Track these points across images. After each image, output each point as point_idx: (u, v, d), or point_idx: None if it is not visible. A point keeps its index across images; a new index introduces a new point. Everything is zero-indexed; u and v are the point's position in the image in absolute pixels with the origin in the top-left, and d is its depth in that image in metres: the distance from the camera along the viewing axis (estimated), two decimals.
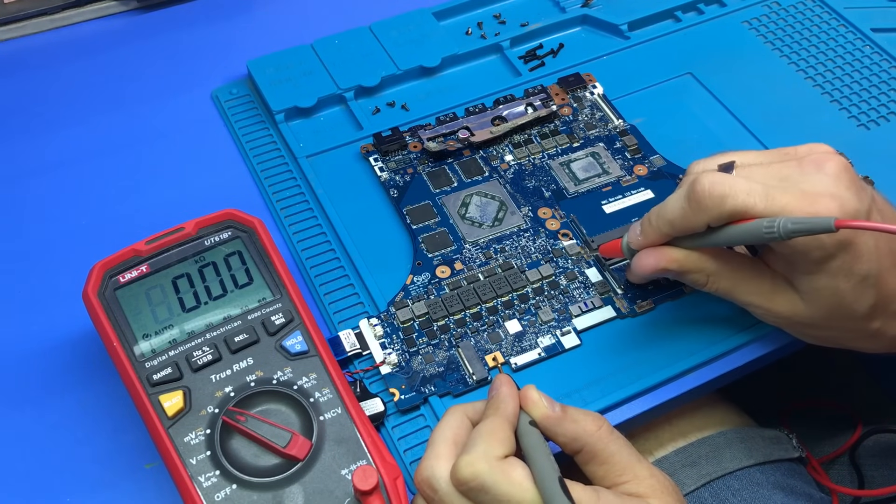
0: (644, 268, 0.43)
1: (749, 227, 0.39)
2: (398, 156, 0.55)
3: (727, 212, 0.38)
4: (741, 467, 0.50)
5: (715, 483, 0.49)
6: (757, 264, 0.43)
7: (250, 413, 0.39)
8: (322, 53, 0.60)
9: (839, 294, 0.40)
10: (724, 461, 0.49)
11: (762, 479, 0.50)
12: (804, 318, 0.42)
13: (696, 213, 0.39)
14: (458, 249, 0.50)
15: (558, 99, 0.58)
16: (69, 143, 0.58)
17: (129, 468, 0.43)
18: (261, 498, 0.38)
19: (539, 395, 0.38)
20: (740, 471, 0.49)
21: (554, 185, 0.54)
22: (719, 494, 0.48)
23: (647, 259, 0.43)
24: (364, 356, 0.46)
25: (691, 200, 0.39)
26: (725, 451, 0.50)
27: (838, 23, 0.64)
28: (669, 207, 0.41)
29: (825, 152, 0.40)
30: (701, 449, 0.50)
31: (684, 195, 0.40)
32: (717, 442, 0.50)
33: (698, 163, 0.43)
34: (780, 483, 0.50)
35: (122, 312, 0.42)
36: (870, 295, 0.40)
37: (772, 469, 0.51)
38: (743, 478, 0.49)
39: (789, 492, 0.50)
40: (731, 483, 0.49)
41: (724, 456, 0.50)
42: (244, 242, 0.44)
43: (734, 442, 0.51)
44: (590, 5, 0.65)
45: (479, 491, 0.35)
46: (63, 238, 0.52)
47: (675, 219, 0.41)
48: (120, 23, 0.66)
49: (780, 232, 0.37)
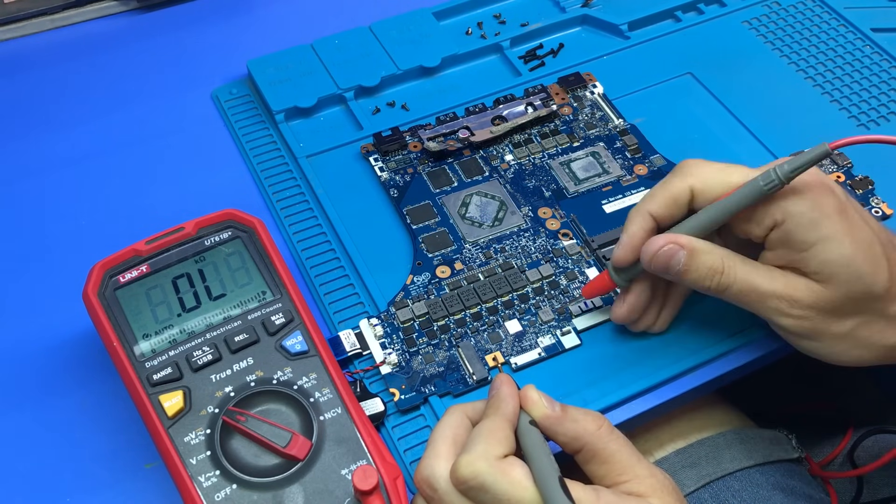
0: (654, 246, 0.41)
1: (746, 188, 0.39)
2: (398, 156, 0.55)
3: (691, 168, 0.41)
4: (741, 468, 0.49)
5: (715, 484, 0.49)
6: (764, 262, 0.42)
7: (250, 413, 0.39)
8: (322, 53, 0.60)
9: (848, 263, 0.39)
10: (723, 462, 0.49)
11: (762, 479, 0.50)
12: (827, 301, 0.40)
13: (672, 176, 0.42)
14: (458, 249, 0.50)
15: (558, 98, 0.58)
16: (69, 143, 0.58)
17: (129, 468, 0.43)
18: (261, 498, 0.38)
19: (539, 394, 0.38)
20: (740, 471, 0.49)
21: (554, 185, 0.54)
22: (719, 495, 0.48)
23: (656, 241, 0.41)
24: (364, 356, 0.46)
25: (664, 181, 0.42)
26: (725, 452, 0.50)
27: (838, 23, 0.64)
28: (647, 194, 0.43)
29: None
30: (700, 450, 0.50)
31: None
32: (716, 443, 0.50)
33: (690, 161, 0.43)
34: (779, 484, 0.50)
35: (122, 312, 0.42)
36: (882, 265, 0.39)
37: (772, 470, 0.51)
38: (743, 478, 0.49)
39: (789, 492, 0.50)
40: (731, 484, 0.49)
41: (724, 457, 0.50)
42: (244, 242, 0.44)
43: (734, 443, 0.51)
44: (590, 5, 0.65)
45: (478, 490, 0.35)
46: (63, 238, 0.52)
47: (655, 190, 0.42)
48: (120, 23, 0.66)
49: (781, 177, 0.38)
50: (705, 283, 0.41)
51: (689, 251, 0.40)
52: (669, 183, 0.42)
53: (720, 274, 0.41)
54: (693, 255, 0.40)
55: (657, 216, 0.42)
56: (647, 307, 0.45)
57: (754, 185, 0.39)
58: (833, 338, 0.41)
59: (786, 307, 0.40)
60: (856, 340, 0.41)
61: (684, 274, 0.41)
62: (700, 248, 0.41)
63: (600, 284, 0.45)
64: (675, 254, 0.41)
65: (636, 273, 0.43)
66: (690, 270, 0.41)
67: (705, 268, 0.41)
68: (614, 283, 0.44)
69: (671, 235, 0.41)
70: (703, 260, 0.41)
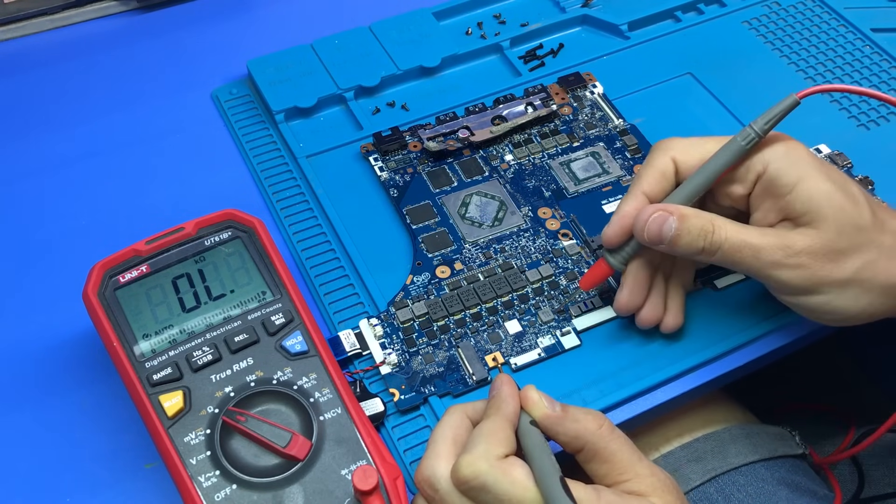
0: (644, 215, 0.42)
1: (726, 148, 0.42)
2: (398, 155, 0.55)
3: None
4: (746, 462, 0.50)
5: (720, 478, 0.49)
6: (753, 224, 0.43)
7: (250, 413, 0.39)
8: (322, 53, 0.60)
9: (830, 195, 0.40)
10: (729, 456, 0.50)
11: (767, 475, 0.50)
12: (823, 243, 0.40)
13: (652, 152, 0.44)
14: (458, 249, 0.50)
15: (558, 98, 0.58)
16: (69, 143, 0.58)
17: (129, 468, 0.43)
18: (261, 498, 0.38)
19: (539, 395, 0.38)
20: (745, 466, 0.50)
21: (554, 185, 0.54)
22: (725, 490, 0.48)
23: (647, 210, 0.42)
24: (364, 356, 0.46)
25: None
26: (730, 447, 0.50)
27: (838, 23, 0.64)
28: (634, 178, 0.44)
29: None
30: (706, 444, 0.50)
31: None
32: (721, 437, 0.50)
33: (665, 139, 0.45)
34: (784, 479, 0.50)
35: (122, 312, 0.42)
36: (861, 200, 0.41)
37: (776, 465, 0.51)
38: (748, 473, 0.49)
39: (794, 488, 0.50)
40: (736, 479, 0.49)
41: (730, 451, 0.50)
42: (244, 242, 0.44)
43: (739, 438, 0.51)
44: (590, 5, 0.65)
45: (479, 490, 0.35)
46: (63, 238, 0.52)
47: (640, 171, 0.44)
48: (120, 23, 0.66)
49: (758, 131, 0.41)
50: (698, 243, 0.41)
51: (678, 216, 0.41)
52: (652, 160, 0.44)
53: (711, 233, 0.41)
54: (683, 220, 0.41)
55: (649, 193, 0.43)
56: (649, 294, 0.45)
57: (733, 143, 0.42)
58: (837, 286, 0.41)
59: (781, 256, 0.40)
60: (861, 285, 0.41)
61: (676, 239, 0.41)
62: (689, 212, 0.42)
63: (597, 272, 0.46)
64: (665, 220, 0.41)
65: (631, 253, 0.44)
66: (682, 234, 0.41)
67: (696, 229, 0.41)
68: (611, 268, 0.45)
69: (660, 205, 0.42)
70: (693, 222, 0.41)
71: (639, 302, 0.45)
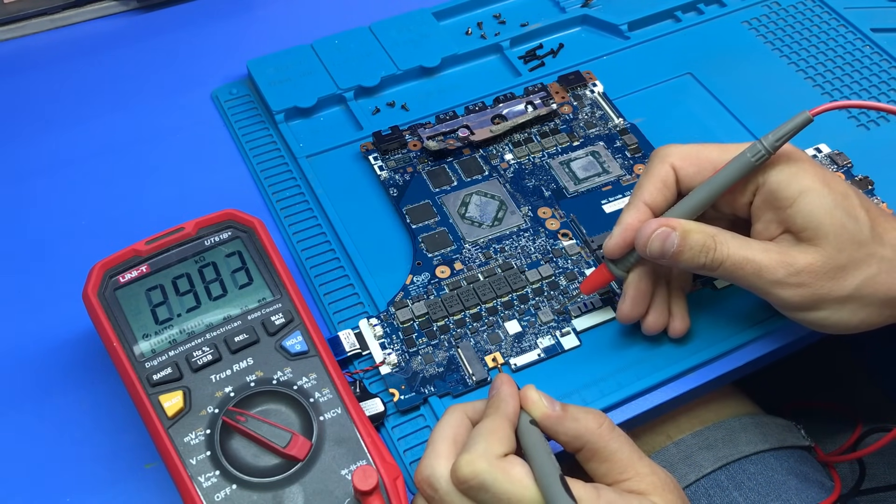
0: (647, 230, 0.41)
1: (735, 163, 0.41)
2: (398, 154, 0.55)
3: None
4: (756, 451, 0.50)
5: (731, 466, 0.49)
6: (754, 237, 0.42)
7: (250, 413, 0.39)
8: (322, 53, 0.60)
9: (831, 212, 0.40)
10: (739, 444, 0.50)
11: (776, 464, 0.50)
12: (824, 261, 0.40)
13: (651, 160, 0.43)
14: (457, 249, 0.50)
15: (558, 97, 0.58)
16: (69, 143, 0.58)
17: (129, 468, 0.43)
18: (261, 498, 0.38)
19: (539, 394, 0.38)
20: (756, 455, 0.50)
21: (554, 185, 0.54)
22: (735, 477, 0.49)
23: (650, 225, 0.41)
24: (364, 356, 0.46)
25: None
26: (741, 435, 0.50)
27: (838, 23, 0.64)
28: (635, 188, 0.44)
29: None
30: (717, 432, 0.50)
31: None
32: (732, 426, 0.51)
33: (662, 146, 0.44)
34: (794, 469, 0.50)
35: (122, 312, 0.42)
36: (861, 211, 0.41)
37: (786, 455, 0.51)
38: (759, 462, 0.50)
39: (803, 478, 0.50)
40: (746, 467, 0.49)
41: (740, 439, 0.50)
42: (244, 242, 0.44)
43: (749, 426, 0.51)
44: (590, 5, 0.65)
45: (479, 489, 0.35)
46: (63, 238, 0.52)
47: (641, 181, 0.43)
48: (120, 23, 0.66)
49: (768, 148, 0.40)
50: (700, 259, 0.41)
51: (680, 232, 0.41)
52: (651, 169, 0.44)
53: (713, 249, 0.41)
54: (685, 235, 0.41)
55: (650, 203, 0.43)
56: (652, 301, 0.45)
57: (742, 158, 0.41)
58: (836, 302, 0.41)
59: (783, 275, 0.40)
60: (861, 300, 0.41)
61: (678, 255, 0.41)
62: (691, 227, 0.41)
63: (598, 277, 0.45)
64: (668, 236, 0.41)
65: (633, 262, 0.44)
66: (684, 250, 0.41)
67: (698, 245, 0.41)
68: (612, 274, 0.45)
69: (663, 219, 0.42)
70: (695, 238, 0.41)
71: (641, 312, 0.45)
